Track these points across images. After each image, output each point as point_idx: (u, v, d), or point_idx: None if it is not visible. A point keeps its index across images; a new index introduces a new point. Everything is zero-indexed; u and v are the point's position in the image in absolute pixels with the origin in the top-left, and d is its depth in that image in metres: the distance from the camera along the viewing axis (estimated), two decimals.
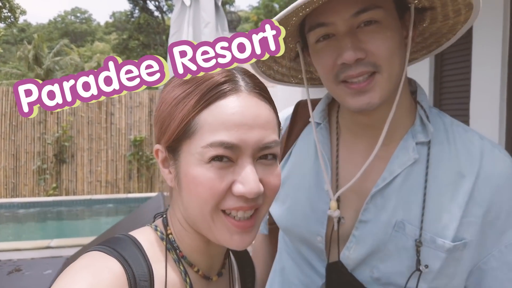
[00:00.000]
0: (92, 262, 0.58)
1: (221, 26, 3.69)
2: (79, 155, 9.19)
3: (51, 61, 19.78)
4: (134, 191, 9.36)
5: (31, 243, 5.02)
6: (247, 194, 0.58)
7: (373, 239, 0.84)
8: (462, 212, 0.79)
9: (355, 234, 0.86)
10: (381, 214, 0.83)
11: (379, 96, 0.77)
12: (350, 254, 0.86)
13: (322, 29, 0.78)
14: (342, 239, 0.88)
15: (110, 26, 44.34)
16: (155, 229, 0.68)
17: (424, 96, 0.89)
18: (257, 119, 0.60)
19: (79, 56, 22.80)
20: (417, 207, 0.81)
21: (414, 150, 0.83)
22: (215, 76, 0.61)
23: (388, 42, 0.76)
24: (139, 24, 27.98)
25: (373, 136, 0.86)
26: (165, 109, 0.63)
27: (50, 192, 8.95)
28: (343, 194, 0.88)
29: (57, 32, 42.01)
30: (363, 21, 0.75)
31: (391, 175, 0.83)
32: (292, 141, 1.02)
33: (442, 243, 0.79)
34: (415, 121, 0.86)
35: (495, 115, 3.03)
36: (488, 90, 3.09)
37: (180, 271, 0.65)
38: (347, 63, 0.76)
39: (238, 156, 0.59)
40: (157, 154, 0.67)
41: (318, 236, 0.90)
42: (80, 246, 4.66)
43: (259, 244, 1.21)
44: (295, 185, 0.97)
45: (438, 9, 0.79)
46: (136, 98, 9.44)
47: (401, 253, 0.82)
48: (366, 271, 0.85)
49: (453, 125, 0.87)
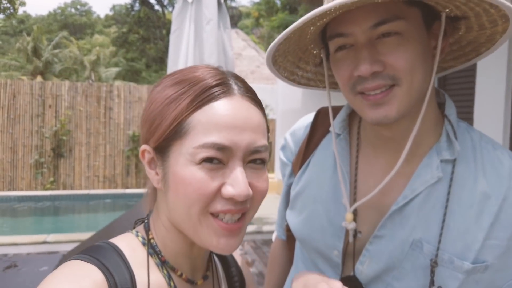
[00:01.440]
0: (72, 271, 0.57)
1: (223, 24, 3.65)
2: (77, 150, 9.15)
3: (50, 53, 19.71)
4: (132, 186, 9.34)
5: (28, 238, 5.00)
6: (237, 197, 0.58)
7: (388, 256, 0.82)
8: (485, 234, 0.76)
9: (368, 248, 0.84)
10: (398, 231, 0.81)
11: (397, 110, 0.74)
12: (363, 269, 0.84)
13: (340, 40, 0.76)
14: (357, 253, 0.86)
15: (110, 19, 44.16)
16: (136, 235, 0.68)
17: (452, 109, 0.85)
18: (249, 122, 0.61)
19: (79, 49, 22.68)
20: (436, 226, 0.79)
21: (438, 168, 0.80)
22: (207, 78, 0.62)
23: (408, 54, 0.72)
24: (139, 18, 27.85)
25: (394, 150, 0.84)
26: (155, 108, 0.63)
27: (47, 186, 8.92)
28: (361, 209, 0.86)
29: (56, 24, 41.83)
30: (383, 32, 0.73)
31: (413, 193, 0.80)
32: (311, 150, 1.00)
33: (461, 264, 0.76)
34: (440, 137, 0.82)
35: (500, 118, 3.01)
36: (493, 94, 3.07)
37: (164, 276, 0.65)
38: (362, 76, 0.73)
39: (228, 159, 0.59)
40: (143, 155, 0.66)
41: (334, 250, 0.89)
42: (77, 241, 4.64)
43: (276, 249, 1.21)
44: (313, 196, 0.95)
45: (472, 18, 0.76)
46: (135, 93, 9.40)
47: (417, 272, 0.79)
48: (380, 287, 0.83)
49: (481, 142, 0.83)
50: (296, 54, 0.88)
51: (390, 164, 0.85)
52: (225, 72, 0.66)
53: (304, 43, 0.84)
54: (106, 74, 21.25)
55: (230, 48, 3.70)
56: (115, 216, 4.83)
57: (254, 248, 5.02)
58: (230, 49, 3.70)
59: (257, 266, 4.41)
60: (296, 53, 0.87)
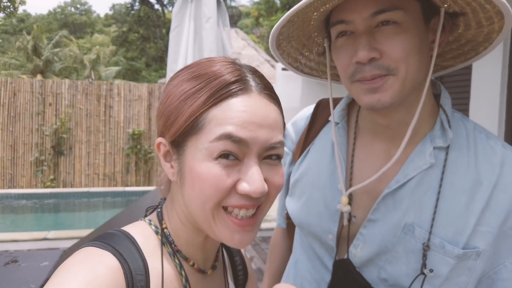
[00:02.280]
0: (87, 257, 0.58)
1: (222, 22, 3.67)
2: (77, 148, 9.17)
3: (50, 52, 19.69)
4: (132, 184, 9.36)
5: (28, 235, 5.01)
6: (252, 194, 0.58)
7: (381, 239, 0.84)
8: (476, 220, 0.78)
9: (362, 232, 0.87)
10: (391, 215, 0.84)
11: (391, 96, 0.77)
12: (357, 253, 0.87)
13: (341, 26, 0.79)
14: (352, 237, 0.89)
15: (110, 18, 44.09)
16: (149, 224, 0.68)
17: (447, 100, 0.88)
18: (266, 119, 0.60)
19: (78, 48, 22.67)
20: (428, 211, 0.81)
21: (431, 155, 0.82)
22: (225, 74, 0.61)
23: (405, 44, 0.75)
24: (139, 17, 27.82)
25: (390, 138, 0.87)
26: (172, 103, 0.63)
27: (47, 184, 8.94)
28: (356, 194, 0.89)
29: (56, 23, 41.77)
30: (381, 21, 0.75)
31: (405, 178, 0.83)
32: (311, 139, 1.03)
33: (451, 249, 0.78)
34: (435, 125, 0.85)
35: (495, 114, 3.04)
36: (488, 90, 3.10)
37: (175, 265, 0.66)
38: (360, 61, 0.76)
39: (244, 155, 0.59)
40: (159, 148, 0.66)
41: (329, 233, 0.92)
42: (77, 238, 4.66)
43: (277, 237, 1.23)
44: (311, 182, 0.98)
45: (469, 15, 0.78)
46: (135, 91, 9.41)
47: (409, 256, 0.82)
48: (373, 271, 0.86)
49: (475, 131, 0.86)
50: (300, 40, 0.90)
51: (385, 151, 0.88)
52: (243, 66, 0.65)
53: (308, 30, 0.87)
54: (106, 73, 21.25)
55: (229, 46, 3.72)
56: (115, 213, 4.85)
57: (252, 245, 5.04)
58: (229, 47, 3.72)
59: (255, 263, 4.44)
60: (300, 39, 0.90)
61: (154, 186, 9.16)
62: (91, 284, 0.53)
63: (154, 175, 9.48)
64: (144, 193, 7.70)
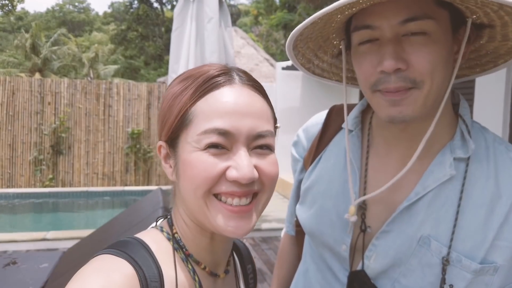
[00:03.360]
0: (103, 265, 0.58)
1: (224, 22, 3.65)
2: (76, 147, 9.14)
3: (48, 50, 19.64)
4: (131, 184, 9.34)
5: (27, 235, 4.99)
6: (241, 179, 0.59)
7: (395, 251, 0.82)
8: (494, 235, 0.76)
9: (375, 243, 0.85)
10: (406, 227, 0.81)
11: (413, 110, 0.74)
12: (370, 264, 0.85)
13: (367, 32, 0.75)
14: (366, 249, 0.86)
15: (109, 16, 44.01)
16: (161, 230, 0.69)
17: (466, 110, 0.85)
18: (250, 108, 0.62)
19: (77, 46, 22.62)
20: (446, 224, 0.79)
21: (452, 166, 0.80)
22: (211, 70, 0.64)
23: (433, 56, 0.72)
24: (138, 15, 27.76)
25: (406, 148, 0.84)
26: (165, 105, 0.66)
27: (46, 183, 8.91)
28: (371, 204, 0.87)
29: (55, 21, 41.66)
30: (411, 30, 0.72)
31: (425, 190, 0.80)
32: (323, 146, 1.01)
33: (468, 263, 0.76)
34: (454, 135, 0.82)
35: (499, 117, 3.03)
36: (492, 93, 3.09)
37: (189, 270, 0.66)
38: (386, 71, 0.73)
39: (232, 144, 0.61)
40: (160, 151, 0.68)
41: (343, 244, 0.89)
42: (76, 238, 4.64)
43: (286, 244, 1.22)
44: (323, 191, 0.96)
45: (497, 28, 0.75)
46: (134, 90, 9.39)
47: (424, 269, 0.79)
48: (387, 284, 0.84)
49: (495, 143, 0.83)
50: (317, 42, 0.87)
51: (401, 161, 0.85)
52: (230, 66, 0.68)
53: (327, 31, 0.84)
54: (104, 71, 21.20)
55: (231, 46, 3.70)
56: (114, 213, 4.84)
57: (252, 246, 5.03)
58: (231, 47, 3.70)
59: (256, 263, 4.43)
60: (318, 40, 0.87)
61: (154, 185, 9.14)
62: None
63: (153, 175, 9.46)
64: (143, 193, 7.68)
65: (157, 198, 3.62)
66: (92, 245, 3.58)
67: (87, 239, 3.98)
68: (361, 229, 0.86)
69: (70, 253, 3.82)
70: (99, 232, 3.92)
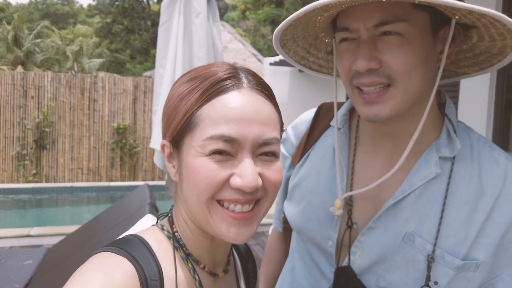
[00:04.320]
0: (103, 263, 0.58)
1: (212, 17, 3.63)
2: (60, 142, 9.00)
3: (31, 43, 19.24)
4: (117, 179, 9.25)
5: (10, 231, 4.91)
6: (244, 188, 0.59)
7: (380, 248, 0.83)
8: (477, 232, 0.78)
9: (360, 239, 0.86)
10: (392, 224, 0.83)
11: (389, 110, 0.76)
12: (355, 260, 0.86)
13: (345, 33, 0.78)
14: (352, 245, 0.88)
15: (93, 9, 43.30)
16: (162, 229, 0.69)
17: (452, 109, 0.87)
18: (257, 114, 0.61)
19: (61, 39, 22.21)
20: (431, 221, 0.80)
21: (437, 164, 0.81)
22: (219, 73, 0.63)
23: (407, 56, 0.73)
24: (124, 8, 27.38)
25: (392, 146, 0.86)
26: (171, 105, 0.65)
27: (29, 178, 8.76)
28: (357, 200, 0.88)
29: (37, 13, 40.81)
30: (384, 31, 0.74)
31: (411, 188, 0.82)
32: (311, 143, 1.02)
33: (451, 260, 0.78)
34: (440, 134, 0.84)
35: (483, 116, 3.08)
36: (477, 93, 3.14)
37: (189, 269, 0.66)
38: (359, 71, 0.75)
39: (237, 151, 0.60)
40: (163, 150, 0.68)
41: (329, 240, 0.91)
42: (61, 235, 4.58)
43: (273, 241, 1.22)
44: (310, 187, 0.97)
45: (481, 28, 0.76)
46: (120, 84, 9.27)
47: (408, 265, 0.81)
48: (372, 279, 0.85)
49: (479, 142, 0.85)
50: (306, 40, 0.89)
51: (388, 158, 0.87)
52: (238, 67, 0.66)
53: (314, 31, 0.86)
54: (89, 65, 20.87)
55: (219, 41, 3.68)
56: (100, 209, 4.79)
57: None
58: (219, 42, 3.68)
59: None
60: (306, 39, 0.88)
61: (140, 181, 9.07)
62: None
63: (139, 170, 9.39)
64: (129, 188, 7.61)
65: (144, 194, 3.59)
66: (77, 241, 3.53)
67: (72, 236, 3.93)
68: (348, 225, 0.88)
69: (55, 250, 3.76)
70: (85, 228, 3.87)
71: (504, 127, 3.07)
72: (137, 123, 9.34)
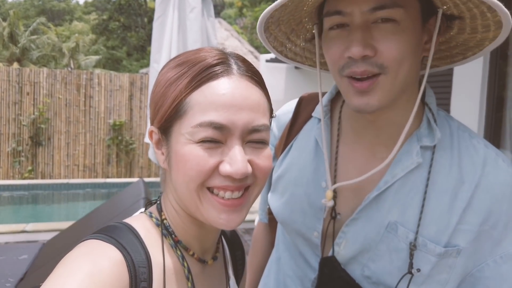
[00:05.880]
0: (90, 250, 0.58)
1: (207, 12, 3.62)
2: (56, 138, 8.98)
3: (27, 40, 19.13)
4: (113, 176, 9.24)
5: (6, 227, 4.91)
6: (234, 175, 0.59)
7: (364, 238, 0.84)
8: (458, 219, 0.79)
9: (344, 230, 0.86)
10: (375, 214, 0.83)
11: (379, 99, 0.76)
12: (340, 250, 0.87)
13: (337, 17, 0.76)
14: (337, 235, 0.88)
15: (90, 5, 43.09)
16: (150, 216, 0.68)
17: (432, 98, 0.87)
18: (247, 101, 0.60)
19: (57, 36, 22.11)
20: (413, 210, 0.81)
21: (418, 154, 0.81)
22: (208, 58, 0.62)
23: (401, 44, 0.73)
24: (120, 5, 27.29)
25: (374, 136, 0.86)
26: (159, 90, 0.64)
27: (25, 175, 8.74)
28: (341, 191, 0.88)
29: (34, 10, 40.59)
30: (380, 17, 0.73)
31: (393, 178, 0.82)
32: (294, 135, 1.01)
33: (433, 247, 0.78)
34: (421, 124, 0.84)
35: (475, 110, 3.10)
36: (469, 85, 3.15)
37: (178, 256, 0.66)
38: (353, 57, 0.74)
39: (226, 138, 0.60)
40: (151, 136, 0.67)
41: (314, 231, 0.91)
42: (56, 230, 4.58)
43: (259, 232, 1.22)
44: (294, 179, 0.96)
45: (467, 20, 0.76)
46: (116, 81, 9.25)
47: (392, 254, 0.82)
48: (357, 268, 0.86)
49: (459, 130, 0.85)
50: (289, 25, 0.87)
51: (369, 149, 0.87)
52: (228, 52, 0.66)
53: (299, 15, 0.84)
54: (85, 62, 20.78)
55: (214, 37, 3.68)
56: (96, 205, 4.79)
57: None
58: (214, 37, 3.68)
59: None
60: (290, 23, 0.87)
61: (136, 177, 9.07)
62: (95, 277, 0.53)
63: (135, 167, 9.38)
64: (125, 185, 7.61)
65: (139, 189, 3.59)
66: (72, 236, 3.54)
67: (67, 230, 3.93)
68: (332, 216, 0.87)
69: (50, 245, 3.76)
70: (80, 223, 3.88)
71: (496, 124, 3.09)
72: (133, 120, 9.33)
